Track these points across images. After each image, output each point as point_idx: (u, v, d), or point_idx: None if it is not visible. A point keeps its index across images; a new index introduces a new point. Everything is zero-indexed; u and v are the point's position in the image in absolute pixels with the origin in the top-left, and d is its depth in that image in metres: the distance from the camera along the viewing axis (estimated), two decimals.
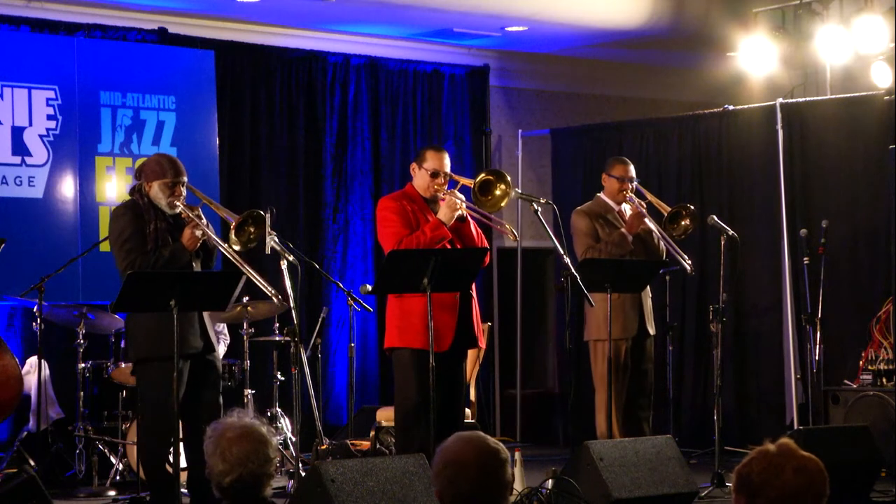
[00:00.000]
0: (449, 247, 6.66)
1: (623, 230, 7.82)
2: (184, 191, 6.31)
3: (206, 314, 6.36)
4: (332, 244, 10.53)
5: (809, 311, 8.78)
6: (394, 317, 6.74)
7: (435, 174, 6.82)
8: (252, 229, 6.16)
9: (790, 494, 2.79)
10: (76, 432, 8.13)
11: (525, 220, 10.89)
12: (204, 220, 6.27)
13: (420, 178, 6.87)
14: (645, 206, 7.93)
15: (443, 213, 6.72)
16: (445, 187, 6.83)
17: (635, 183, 7.98)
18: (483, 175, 6.79)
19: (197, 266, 6.28)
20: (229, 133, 9.98)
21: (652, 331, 7.94)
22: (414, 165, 6.94)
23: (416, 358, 6.61)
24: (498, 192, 6.74)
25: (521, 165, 11.29)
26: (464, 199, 6.77)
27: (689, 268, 7.82)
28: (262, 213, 6.18)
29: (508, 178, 6.76)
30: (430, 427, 6.32)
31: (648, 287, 7.89)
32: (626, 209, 7.97)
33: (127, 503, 7.36)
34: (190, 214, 6.21)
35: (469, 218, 6.82)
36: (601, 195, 8.03)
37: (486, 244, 6.97)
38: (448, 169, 6.87)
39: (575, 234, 7.97)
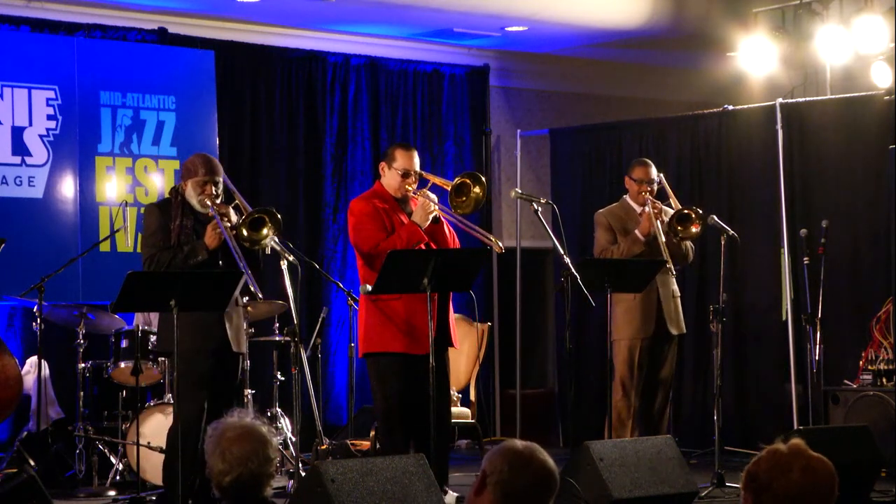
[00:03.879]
0: (424, 248, 6.54)
1: (636, 232, 7.86)
2: (215, 190, 6.30)
3: (235, 314, 6.33)
4: (332, 244, 10.53)
5: (809, 311, 8.77)
6: (373, 322, 6.56)
7: (406, 174, 6.67)
8: (266, 231, 6.16)
9: (796, 494, 2.78)
10: (76, 432, 8.12)
11: (525, 219, 10.89)
12: (234, 218, 6.26)
13: (390, 178, 6.71)
14: (659, 208, 7.94)
15: (417, 216, 6.57)
16: (416, 186, 6.74)
17: (655, 185, 8.00)
18: (459, 178, 6.62)
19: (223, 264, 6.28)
20: (229, 133, 9.97)
21: (675, 331, 7.94)
22: (383, 165, 6.77)
23: (400, 362, 6.49)
24: (472, 195, 6.56)
25: (521, 165, 11.28)
26: (436, 199, 6.69)
27: (672, 269, 7.81)
28: (277, 214, 6.19)
29: (483, 180, 6.62)
30: (431, 428, 6.31)
31: (676, 287, 7.94)
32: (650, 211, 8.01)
33: (127, 503, 7.36)
34: (213, 212, 6.20)
35: (442, 219, 6.70)
36: (626, 197, 8.12)
37: (458, 244, 6.86)
38: (417, 167, 6.72)
39: (594, 236, 8.08)
